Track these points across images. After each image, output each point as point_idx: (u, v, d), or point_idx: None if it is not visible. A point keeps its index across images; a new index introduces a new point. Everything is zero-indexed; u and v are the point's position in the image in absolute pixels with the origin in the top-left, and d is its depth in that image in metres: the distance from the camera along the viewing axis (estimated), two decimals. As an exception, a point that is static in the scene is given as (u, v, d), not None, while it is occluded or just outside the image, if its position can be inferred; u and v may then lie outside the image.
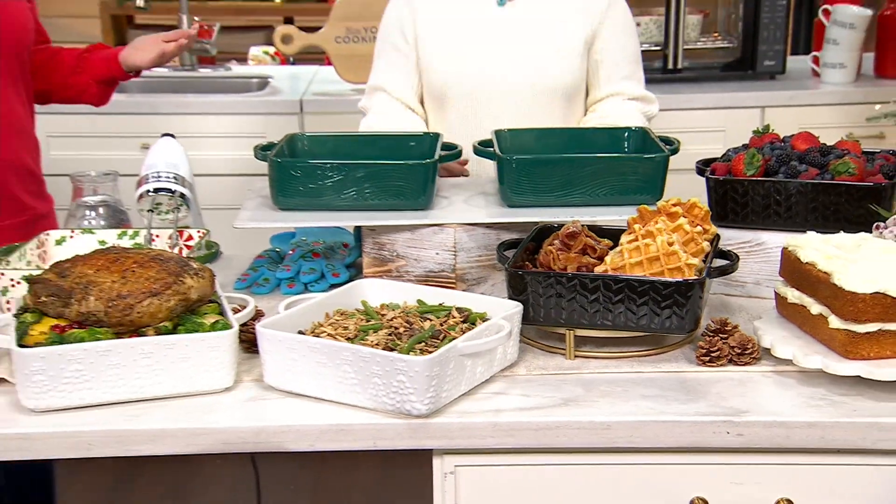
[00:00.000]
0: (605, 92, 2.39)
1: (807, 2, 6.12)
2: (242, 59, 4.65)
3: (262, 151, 2.04)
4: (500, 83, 2.34)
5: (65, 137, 2.59)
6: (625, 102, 2.38)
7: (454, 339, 1.58)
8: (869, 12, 3.81)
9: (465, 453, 1.56)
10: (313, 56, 4.44)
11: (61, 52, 2.58)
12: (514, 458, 1.56)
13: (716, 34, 4.01)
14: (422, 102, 2.47)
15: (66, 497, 2.69)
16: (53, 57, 2.56)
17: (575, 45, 2.35)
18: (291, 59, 4.58)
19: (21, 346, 1.54)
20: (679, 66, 3.77)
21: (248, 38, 6.07)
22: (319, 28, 4.04)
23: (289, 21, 6.81)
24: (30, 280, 1.65)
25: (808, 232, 1.75)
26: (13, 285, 1.78)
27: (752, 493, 1.56)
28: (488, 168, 2.17)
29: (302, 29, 4.12)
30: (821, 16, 3.87)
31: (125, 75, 2.58)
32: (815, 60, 3.89)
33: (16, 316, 1.63)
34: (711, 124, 3.59)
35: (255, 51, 4.73)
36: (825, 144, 1.98)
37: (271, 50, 4.73)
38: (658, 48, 3.73)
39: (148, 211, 2.01)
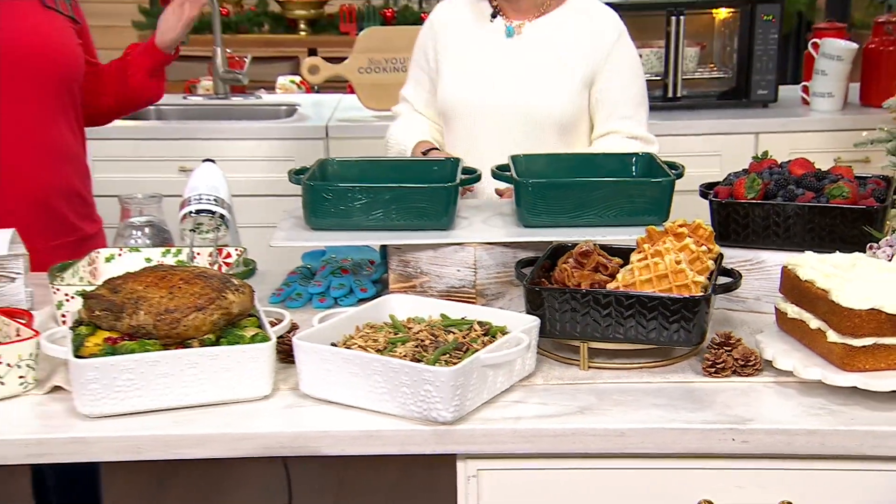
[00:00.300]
0: (603, 129, 2.39)
1: (795, 35, 6.14)
2: (270, 88, 4.66)
3: (296, 175, 2.05)
4: (495, 109, 2.35)
5: (110, 161, 2.60)
6: (623, 140, 2.37)
7: (477, 351, 1.59)
8: (855, 46, 3.82)
9: (487, 458, 1.56)
10: (336, 85, 4.46)
11: (105, 67, 2.57)
12: (532, 462, 1.56)
13: (712, 65, 4.02)
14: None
15: (111, 495, 2.68)
16: (101, 74, 2.55)
17: (572, 82, 2.36)
18: (316, 87, 4.60)
19: (77, 356, 1.54)
20: (678, 94, 3.78)
21: (276, 68, 6.09)
22: (342, 59, 4.06)
23: (312, 52, 6.84)
24: (84, 295, 1.65)
25: (806, 252, 1.76)
26: (67, 300, 1.79)
27: (755, 496, 1.55)
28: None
29: (326, 60, 4.13)
30: (810, 49, 3.88)
31: (168, 56, 2.55)
32: (805, 90, 3.89)
33: (72, 329, 1.64)
34: (708, 149, 3.60)
35: (283, 80, 4.75)
36: (820, 170, 1.98)
37: (297, 79, 4.75)
38: (659, 78, 3.74)
39: (190, 230, 2.01)
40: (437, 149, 2.39)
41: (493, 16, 2.40)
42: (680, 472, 1.56)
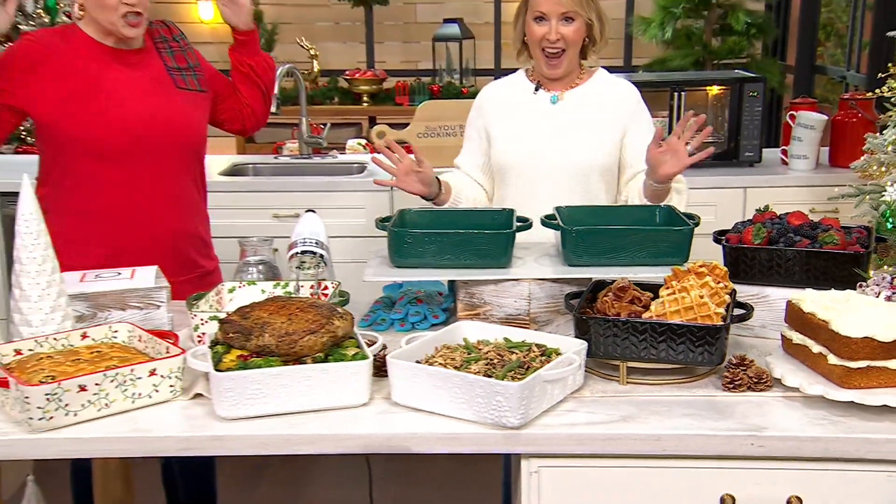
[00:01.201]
0: (634, 171, 2.37)
1: (776, 107, 6.14)
2: (341, 149, 4.68)
3: (382, 223, 2.06)
4: (549, 162, 2.34)
5: (218, 209, 2.63)
6: None
7: (537, 368, 1.59)
8: (825, 117, 3.81)
9: (546, 457, 1.56)
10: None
11: (232, 85, 2.53)
12: (583, 461, 1.56)
13: (706, 131, 4.01)
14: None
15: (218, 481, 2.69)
16: (234, 93, 2.53)
17: (608, 137, 2.36)
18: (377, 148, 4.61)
19: (217, 370, 1.56)
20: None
21: (344, 132, 6.16)
22: (398, 124, 4.12)
23: (372, 119, 6.90)
24: (220, 321, 1.67)
25: (807, 289, 1.75)
26: (202, 323, 1.80)
27: (770, 491, 1.54)
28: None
29: (390, 125, 4.17)
30: (788, 120, 3.87)
31: (247, 34, 2.46)
32: (784, 153, 3.88)
33: (210, 347, 1.65)
34: (705, 200, 3.57)
35: (352, 142, 4.77)
36: (813, 221, 1.98)
37: (363, 142, 4.77)
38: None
39: (296, 268, 2.02)
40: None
41: (536, 89, 2.41)
42: (706, 471, 1.55)
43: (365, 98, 6.88)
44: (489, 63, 7.37)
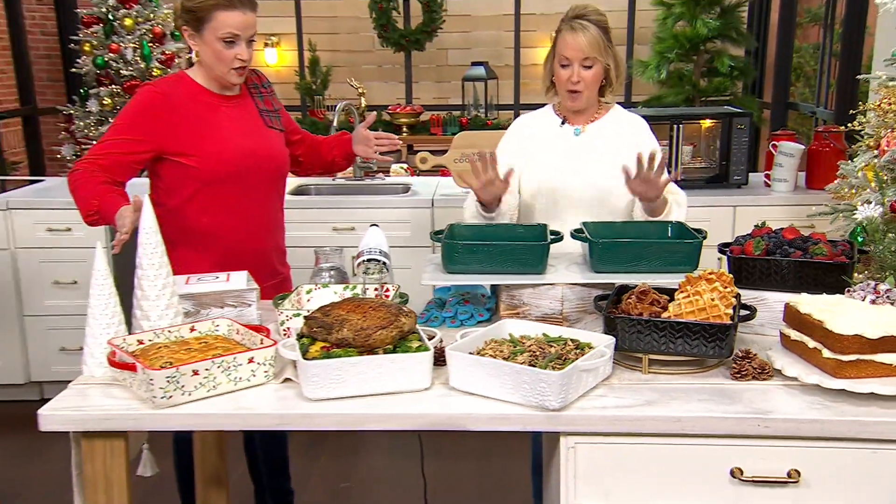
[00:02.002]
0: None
1: (755, 138, 6.11)
2: (386, 172, 4.70)
3: (436, 235, 2.07)
4: (575, 185, 2.34)
5: (289, 223, 2.64)
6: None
7: (574, 360, 1.59)
8: (802, 147, 3.79)
9: (582, 435, 1.56)
10: (432, 171, 4.49)
11: (311, 138, 2.59)
12: (613, 438, 1.56)
13: (699, 158, 4.00)
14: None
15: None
16: (314, 147, 2.58)
17: (625, 158, 2.31)
18: (418, 171, 4.63)
19: (305, 359, 1.58)
20: (678, 178, 3.76)
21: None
22: (434, 151, 4.14)
23: (410, 147, 6.92)
24: (306, 317, 1.69)
25: (802, 293, 1.75)
26: (287, 319, 1.82)
27: (772, 465, 1.54)
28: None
29: (431, 152, 4.18)
30: (771, 149, 3.85)
31: (353, 157, 2.60)
32: (767, 176, 3.86)
33: (297, 339, 1.67)
34: (699, 218, 3.55)
35: (395, 167, 4.78)
36: (804, 235, 1.97)
37: (405, 166, 4.79)
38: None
39: (363, 273, 2.03)
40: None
41: (562, 123, 2.41)
42: (718, 448, 1.55)
43: (404, 129, 6.91)
44: (510, 99, 7.39)
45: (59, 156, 6.27)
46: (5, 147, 6.68)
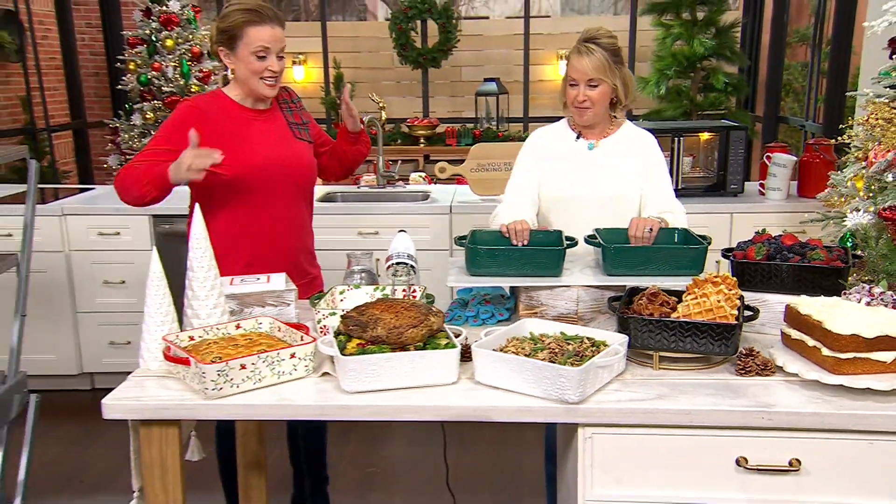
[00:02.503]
0: (648, 200, 2.35)
1: (748, 149, 6.08)
2: (405, 180, 4.70)
3: (460, 240, 2.07)
4: (588, 195, 2.33)
5: (317, 228, 2.64)
6: (667, 204, 2.33)
7: (590, 357, 1.59)
8: (794, 158, 3.78)
9: (598, 426, 1.56)
10: (449, 179, 4.49)
11: (334, 144, 2.56)
12: (628, 429, 1.55)
13: (698, 168, 3.99)
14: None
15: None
16: (335, 151, 2.55)
17: (633, 173, 2.35)
18: (436, 180, 4.63)
19: (343, 354, 1.58)
20: (679, 187, 3.75)
21: (405, 167, 6.18)
22: (450, 160, 4.14)
23: (426, 156, 6.93)
24: (342, 316, 1.69)
25: (801, 295, 1.74)
26: (324, 317, 1.82)
27: (775, 455, 1.53)
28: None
29: (449, 162, 4.18)
30: (765, 159, 3.84)
31: (353, 134, 2.53)
32: (762, 185, 3.84)
33: (335, 336, 1.67)
34: (699, 224, 3.53)
35: (414, 175, 4.78)
36: (802, 241, 1.97)
37: (423, 175, 4.78)
38: (665, 176, 3.73)
39: (392, 275, 2.03)
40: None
41: (577, 138, 2.40)
42: (725, 439, 1.54)
43: (421, 140, 6.91)
44: (519, 112, 7.38)
45: (105, 165, 6.32)
46: (58, 157, 6.73)
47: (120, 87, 6.14)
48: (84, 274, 3.82)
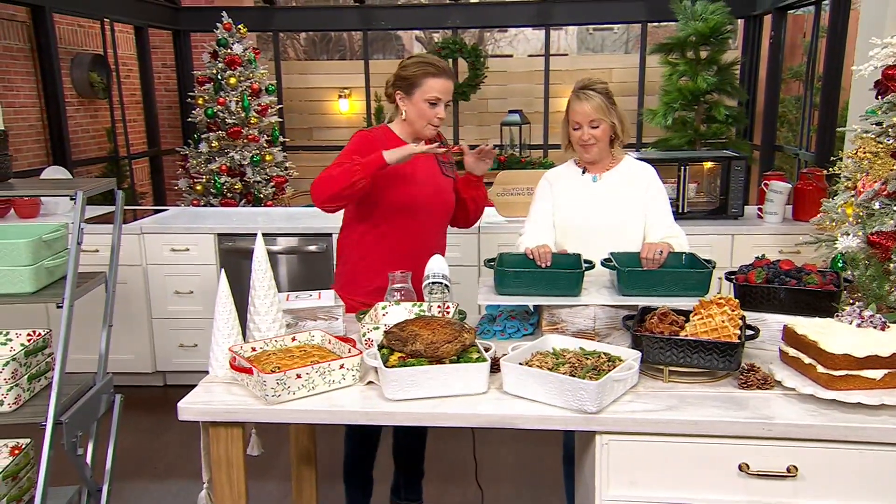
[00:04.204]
0: (655, 228, 2.31)
1: (748, 175, 6.00)
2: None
3: (489, 262, 2.07)
4: (595, 224, 2.29)
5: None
6: (668, 230, 2.29)
7: (607, 371, 1.58)
8: (790, 185, 3.72)
9: (614, 434, 1.55)
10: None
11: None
12: (640, 437, 1.54)
13: (702, 193, 3.95)
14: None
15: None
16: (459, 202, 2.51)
17: (636, 202, 2.32)
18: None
19: (386, 366, 1.59)
20: (684, 211, 3.72)
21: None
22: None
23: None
24: (385, 332, 1.70)
25: (797, 316, 1.72)
26: (368, 331, 1.83)
27: (774, 462, 1.51)
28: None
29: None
30: (763, 186, 3.79)
31: (479, 178, 2.47)
32: (760, 210, 3.79)
33: (379, 349, 1.68)
34: (702, 245, 3.52)
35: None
36: (798, 266, 1.93)
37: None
38: (672, 200, 3.67)
39: (429, 293, 2.03)
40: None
41: (583, 173, 2.38)
42: (728, 446, 1.52)
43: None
44: (540, 140, 7.37)
45: (176, 187, 6.43)
46: (136, 181, 6.86)
47: (189, 119, 6.26)
48: (158, 285, 3.88)
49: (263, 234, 3.68)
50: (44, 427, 1.85)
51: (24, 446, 2.05)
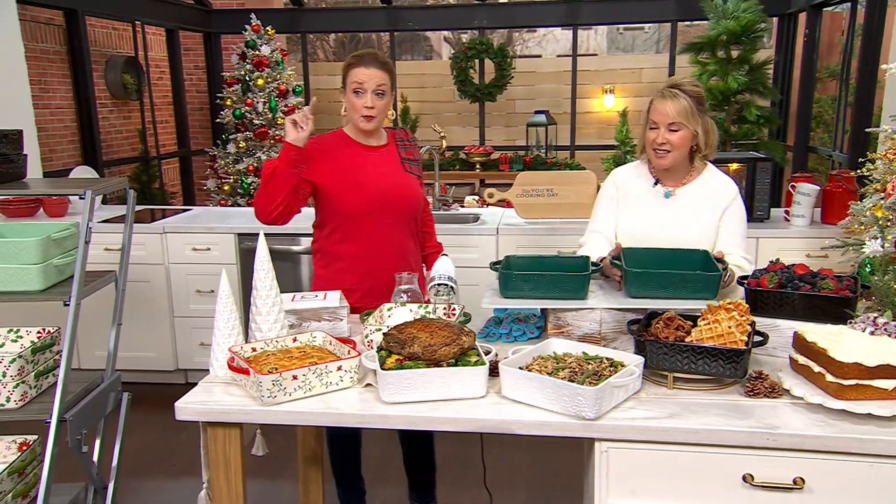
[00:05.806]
0: (725, 250, 2.15)
1: (780, 176, 5.87)
2: (460, 202, 4.68)
3: (494, 265, 2.04)
4: (661, 241, 2.13)
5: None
6: (737, 258, 2.15)
7: (608, 376, 1.55)
8: (818, 187, 3.62)
9: (613, 441, 1.51)
10: (498, 203, 4.46)
11: (427, 231, 2.54)
12: (641, 445, 1.51)
13: (727, 195, 3.85)
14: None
15: (371, 436, 2.70)
16: (422, 230, 2.53)
17: (710, 222, 2.18)
18: (487, 204, 4.60)
19: (383, 369, 1.58)
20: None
21: (462, 190, 6.17)
22: (500, 184, 4.09)
23: (482, 181, 6.91)
24: (384, 334, 1.69)
25: (809, 323, 1.66)
26: (371, 332, 1.82)
27: (780, 473, 1.46)
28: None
29: (496, 187, 4.15)
30: (790, 189, 3.69)
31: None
32: (787, 212, 3.69)
33: (377, 351, 1.67)
34: (726, 246, 3.45)
35: (469, 199, 4.75)
36: (813, 271, 1.87)
37: (476, 198, 4.76)
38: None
39: (434, 295, 2.02)
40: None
41: (655, 184, 2.24)
42: (732, 456, 1.48)
43: (477, 166, 6.91)
44: (566, 141, 7.30)
45: (205, 187, 6.53)
46: (166, 181, 6.99)
47: (218, 120, 6.34)
48: (180, 284, 3.94)
49: (285, 235, 3.77)
50: (48, 424, 1.88)
51: (31, 442, 2.09)
